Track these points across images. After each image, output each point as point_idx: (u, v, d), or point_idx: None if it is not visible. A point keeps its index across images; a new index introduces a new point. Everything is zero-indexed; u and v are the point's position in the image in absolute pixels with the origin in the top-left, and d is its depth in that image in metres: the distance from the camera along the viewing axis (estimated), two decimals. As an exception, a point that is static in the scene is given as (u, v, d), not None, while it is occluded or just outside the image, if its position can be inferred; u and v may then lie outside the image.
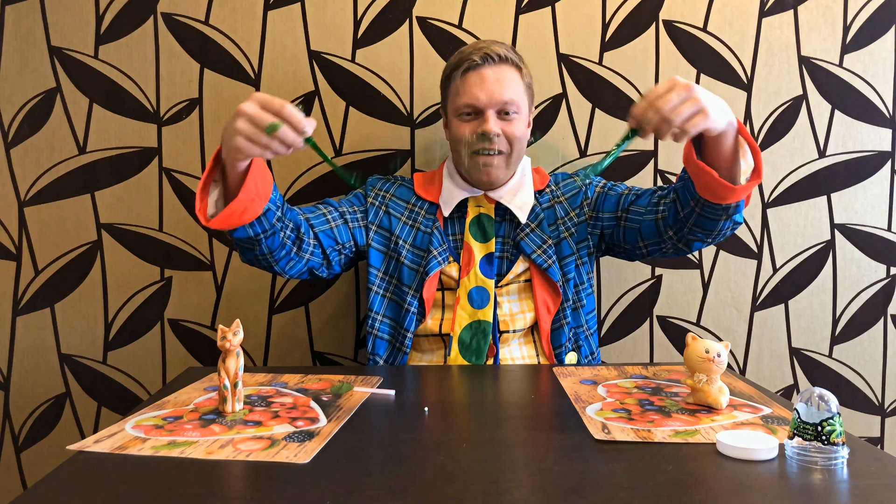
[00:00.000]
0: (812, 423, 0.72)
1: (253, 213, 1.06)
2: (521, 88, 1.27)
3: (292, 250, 1.18)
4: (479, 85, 1.24)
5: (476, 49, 1.26)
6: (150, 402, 0.96)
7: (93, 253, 1.58)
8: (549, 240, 1.30)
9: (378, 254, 1.31)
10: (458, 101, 1.27)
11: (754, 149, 1.05)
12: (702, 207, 1.12)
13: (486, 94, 1.24)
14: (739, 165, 1.07)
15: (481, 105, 1.24)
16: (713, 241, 1.19)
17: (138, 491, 0.67)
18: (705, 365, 0.90)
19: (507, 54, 1.26)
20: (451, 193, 1.32)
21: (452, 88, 1.29)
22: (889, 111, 1.55)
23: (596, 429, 0.83)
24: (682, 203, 1.16)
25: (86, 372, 1.60)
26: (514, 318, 1.27)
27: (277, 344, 1.61)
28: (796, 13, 1.54)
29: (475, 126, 1.26)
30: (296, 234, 1.18)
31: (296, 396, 0.99)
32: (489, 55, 1.24)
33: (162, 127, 1.56)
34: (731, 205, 1.09)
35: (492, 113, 1.25)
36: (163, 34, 1.55)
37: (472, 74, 1.25)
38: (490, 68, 1.25)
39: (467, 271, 1.28)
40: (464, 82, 1.26)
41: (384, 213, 1.33)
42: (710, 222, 1.13)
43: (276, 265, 1.18)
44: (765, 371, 1.60)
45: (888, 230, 1.57)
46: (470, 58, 1.25)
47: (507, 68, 1.26)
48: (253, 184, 1.04)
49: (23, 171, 1.57)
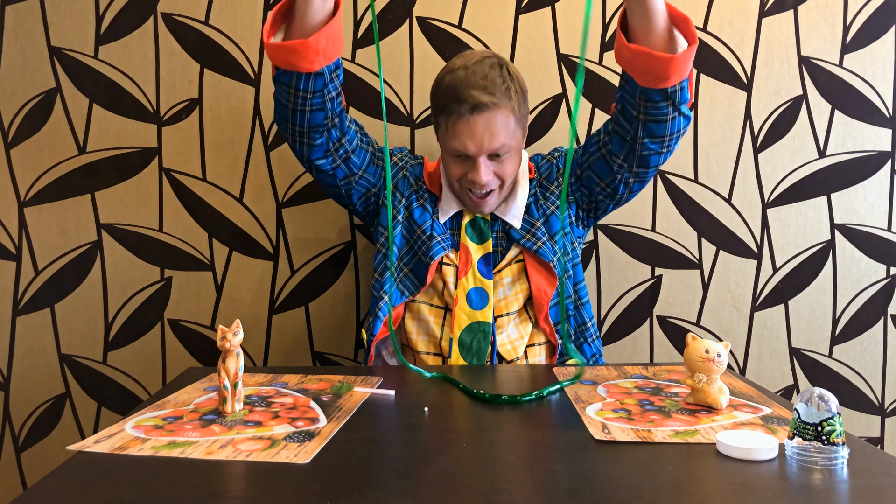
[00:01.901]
0: (812, 423, 0.72)
1: (308, 66, 1.10)
2: (511, 127, 1.21)
3: (328, 116, 1.19)
4: (468, 134, 1.19)
5: (465, 91, 1.18)
6: (150, 403, 0.96)
7: (93, 253, 1.58)
8: (536, 222, 1.29)
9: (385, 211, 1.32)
10: (448, 142, 1.23)
11: (683, 18, 1.06)
12: (645, 104, 1.11)
13: (476, 144, 1.19)
14: (675, 41, 1.07)
15: (471, 154, 1.21)
16: (667, 147, 1.17)
17: (138, 491, 0.67)
18: (705, 365, 0.90)
19: (495, 99, 1.18)
20: (448, 202, 1.31)
21: (442, 125, 1.24)
22: (889, 111, 1.55)
23: (596, 429, 0.83)
24: (625, 117, 1.16)
25: (86, 372, 1.60)
26: (507, 302, 1.28)
27: (277, 344, 1.61)
28: (796, 13, 1.54)
29: (467, 168, 1.23)
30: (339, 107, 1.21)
31: (296, 397, 0.99)
32: (478, 105, 1.17)
33: (162, 127, 1.56)
34: (675, 88, 1.09)
35: (483, 159, 1.21)
36: (163, 34, 1.55)
37: (461, 122, 1.19)
38: (480, 116, 1.18)
39: (465, 272, 1.28)
40: (453, 128, 1.21)
41: (403, 176, 1.34)
42: (658, 125, 1.13)
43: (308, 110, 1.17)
44: (765, 371, 1.60)
45: (888, 230, 1.57)
46: (459, 106, 1.18)
47: (497, 113, 1.19)
48: (325, 38, 1.08)
49: (23, 171, 1.57)
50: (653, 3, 1.04)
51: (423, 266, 1.28)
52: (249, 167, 1.57)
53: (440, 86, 1.23)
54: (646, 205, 1.57)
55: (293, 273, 1.59)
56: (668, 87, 1.09)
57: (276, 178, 1.57)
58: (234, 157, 1.57)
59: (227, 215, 1.58)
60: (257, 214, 1.58)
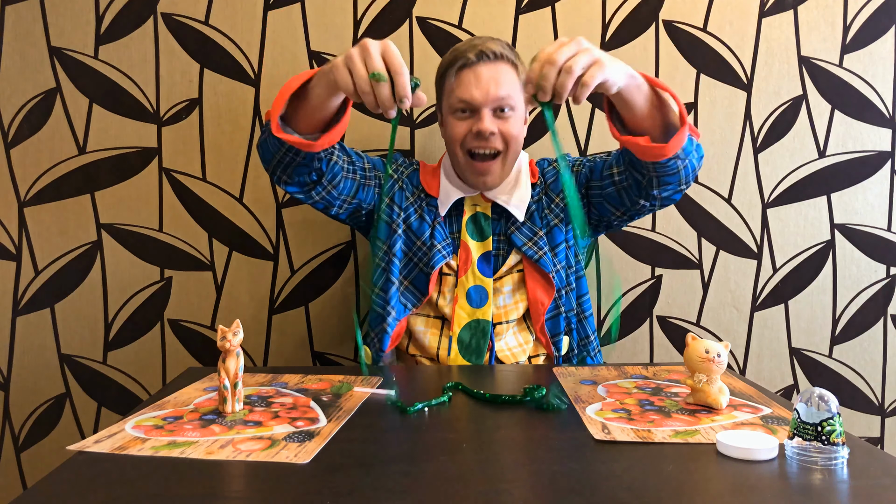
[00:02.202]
0: (812, 423, 0.72)
1: (311, 149, 1.08)
2: (517, 85, 1.24)
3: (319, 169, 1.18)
4: (474, 82, 1.21)
5: (471, 46, 1.24)
6: (150, 403, 0.96)
7: (93, 253, 1.58)
8: (539, 231, 1.28)
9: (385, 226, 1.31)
10: (452, 98, 1.25)
11: (670, 93, 1.04)
12: (654, 168, 1.11)
13: (482, 91, 1.21)
14: (670, 111, 1.06)
15: (476, 103, 1.22)
16: (686, 185, 1.17)
17: (138, 491, 0.67)
18: (705, 365, 0.90)
19: (503, 51, 1.23)
20: (448, 192, 1.31)
21: (447, 86, 1.26)
22: (889, 111, 1.55)
23: (596, 429, 0.83)
24: (637, 171, 1.16)
25: (86, 372, 1.60)
26: (507, 310, 1.28)
27: (277, 344, 1.61)
28: (796, 13, 1.54)
29: (470, 124, 1.24)
30: (328, 166, 1.19)
31: (296, 396, 0.99)
32: (484, 52, 1.22)
33: (162, 127, 1.56)
34: (678, 153, 1.07)
35: (487, 111, 1.22)
36: (163, 34, 1.55)
37: (467, 72, 1.22)
38: (485, 65, 1.22)
39: (465, 270, 1.28)
40: (459, 80, 1.23)
41: (399, 188, 1.33)
42: (670, 176, 1.12)
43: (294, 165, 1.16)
44: (765, 371, 1.60)
45: (888, 230, 1.57)
46: (465, 55, 1.22)
47: (503, 65, 1.23)
48: (336, 135, 1.08)
49: (23, 171, 1.57)
50: (633, 97, 1.02)
51: (423, 277, 1.28)
52: (249, 167, 1.57)
53: (444, 60, 1.28)
54: (646, 205, 1.57)
55: (293, 273, 1.59)
56: (671, 157, 1.07)
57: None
58: (234, 157, 1.57)
59: (227, 215, 1.58)
60: (257, 214, 1.58)
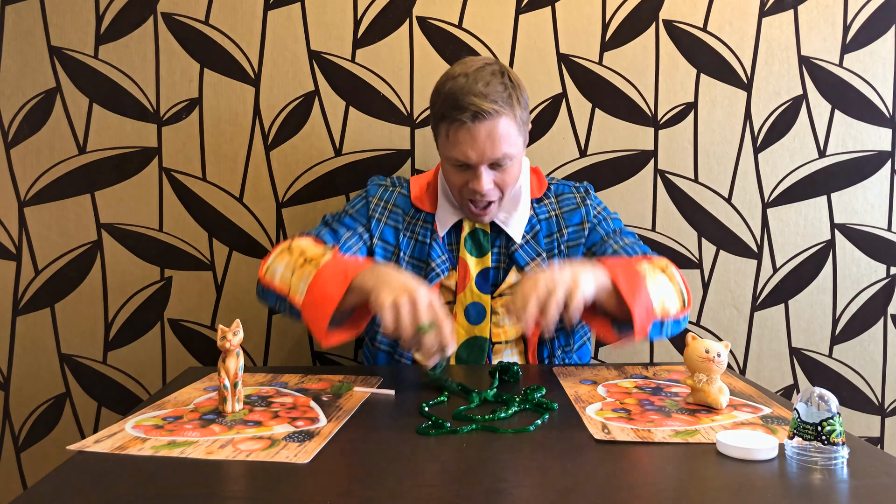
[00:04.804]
0: (812, 423, 0.72)
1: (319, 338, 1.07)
2: (514, 134, 1.18)
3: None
4: (469, 143, 1.16)
5: (465, 96, 1.14)
6: (150, 402, 0.96)
7: (93, 253, 1.58)
8: (543, 252, 1.27)
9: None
10: (448, 151, 1.20)
11: (630, 308, 1.03)
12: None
13: (477, 153, 1.16)
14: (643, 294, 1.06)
15: (472, 163, 1.18)
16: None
17: (138, 491, 0.67)
18: (705, 365, 0.90)
19: (498, 106, 1.15)
20: (446, 213, 1.28)
21: (443, 133, 1.20)
22: (889, 111, 1.55)
23: (596, 429, 0.83)
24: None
25: (86, 372, 1.60)
26: (505, 330, 1.27)
27: (277, 344, 1.61)
28: (796, 13, 1.54)
29: (468, 178, 1.20)
30: None
31: (296, 396, 0.99)
32: (479, 113, 1.14)
33: (162, 127, 1.56)
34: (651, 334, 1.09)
35: (484, 168, 1.18)
36: (163, 34, 1.55)
37: (462, 131, 1.16)
38: (482, 124, 1.15)
39: (463, 287, 1.26)
40: (454, 137, 1.17)
41: (385, 224, 1.30)
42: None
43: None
44: (765, 371, 1.60)
45: (888, 230, 1.57)
46: (459, 118, 1.15)
47: (500, 120, 1.15)
48: (347, 337, 1.07)
49: (23, 171, 1.57)
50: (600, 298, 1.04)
51: None
52: (249, 167, 1.57)
53: (440, 93, 1.19)
54: (646, 205, 1.57)
55: (293, 273, 1.59)
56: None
57: (276, 178, 1.57)
58: (234, 157, 1.57)
59: (227, 215, 1.58)
60: (257, 214, 1.58)
